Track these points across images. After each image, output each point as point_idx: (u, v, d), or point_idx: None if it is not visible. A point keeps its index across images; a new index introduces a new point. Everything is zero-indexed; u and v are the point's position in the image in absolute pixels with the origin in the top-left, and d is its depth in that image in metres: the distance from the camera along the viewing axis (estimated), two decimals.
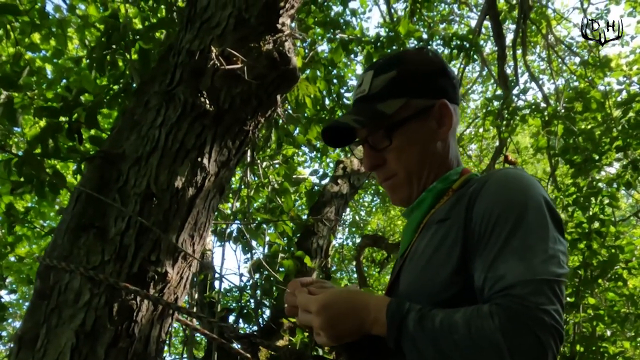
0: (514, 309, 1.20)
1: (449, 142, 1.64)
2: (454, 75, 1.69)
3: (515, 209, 1.32)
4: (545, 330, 1.19)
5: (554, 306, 1.22)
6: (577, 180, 7.88)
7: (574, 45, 12.98)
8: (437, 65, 1.66)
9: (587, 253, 7.01)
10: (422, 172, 1.61)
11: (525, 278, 1.24)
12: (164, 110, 2.44)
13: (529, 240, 1.28)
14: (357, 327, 1.37)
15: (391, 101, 1.59)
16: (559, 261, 1.28)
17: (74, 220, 2.32)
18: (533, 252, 1.27)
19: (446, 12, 11.99)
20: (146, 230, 2.29)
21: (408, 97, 1.60)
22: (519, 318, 1.20)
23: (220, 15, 2.57)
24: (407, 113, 1.59)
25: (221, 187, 2.58)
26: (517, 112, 8.76)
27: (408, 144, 1.60)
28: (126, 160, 2.39)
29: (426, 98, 1.61)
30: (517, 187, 1.38)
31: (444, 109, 1.61)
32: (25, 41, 6.22)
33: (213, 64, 2.46)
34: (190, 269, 2.48)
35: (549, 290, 1.23)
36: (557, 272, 1.26)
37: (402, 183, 1.63)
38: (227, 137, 2.53)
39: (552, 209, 1.36)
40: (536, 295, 1.21)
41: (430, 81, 1.63)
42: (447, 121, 1.61)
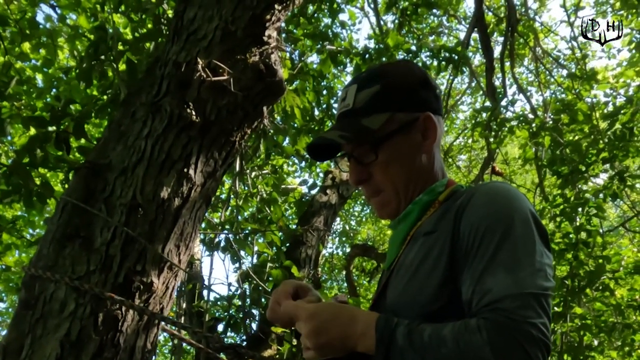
0: (502, 323, 1.22)
1: (434, 154, 1.65)
2: (435, 86, 1.69)
3: (503, 223, 1.34)
4: (533, 344, 1.21)
5: (541, 319, 1.23)
6: (564, 191, 7.93)
7: (561, 57, 13.10)
8: (419, 77, 1.66)
9: (574, 263, 7.05)
10: (409, 186, 1.61)
11: (512, 292, 1.25)
12: (150, 121, 2.46)
13: (516, 253, 1.30)
14: (344, 339, 1.36)
15: (376, 116, 1.59)
16: (545, 274, 1.29)
17: (59, 230, 2.33)
18: (520, 265, 1.28)
19: (435, 25, 12.07)
20: (132, 241, 2.30)
21: (392, 111, 1.60)
22: (506, 332, 1.21)
23: (207, 28, 2.60)
24: (392, 127, 1.59)
25: (207, 198, 2.60)
26: (505, 124, 8.82)
27: (394, 158, 1.60)
28: (112, 170, 2.41)
29: (410, 111, 1.61)
30: (504, 201, 1.40)
31: (428, 121, 1.61)
32: (15, 50, 6.23)
33: (199, 76, 2.48)
34: (176, 279, 2.49)
35: (536, 304, 1.24)
36: (544, 286, 1.27)
37: (389, 199, 1.63)
38: (214, 148, 2.55)
39: (538, 223, 1.37)
40: (524, 309, 1.23)
41: (414, 94, 1.63)
42: (432, 134, 1.62)
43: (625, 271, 7.86)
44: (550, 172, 8.14)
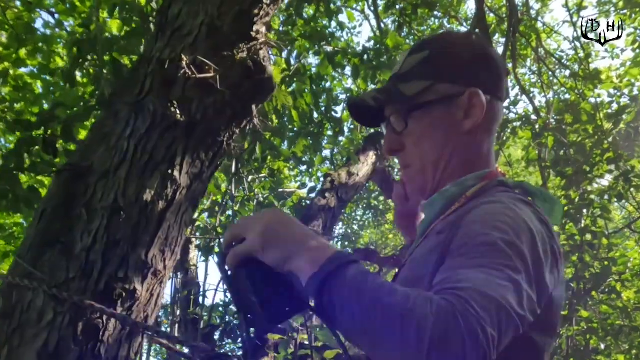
0: (458, 309, 1.06)
1: (478, 140, 1.47)
2: (498, 66, 1.50)
3: (497, 233, 1.20)
4: (475, 346, 1.05)
5: (494, 332, 1.07)
6: (568, 192, 7.83)
7: (564, 58, 13.00)
8: (476, 50, 1.50)
9: (579, 265, 6.95)
10: (438, 166, 1.46)
11: (481, 289, 1.11)
12: (133, 121, 2.36)
13: (501, 267, 1.15)
14: (293, 241, 1.21)
15: (415, 82, 1.45)
16: (521, 301, 1.13)
17: (38, 235, 2.23)
18: (500, 276, 1.13)
19: (437, 27, 11.97)
20: (114, 246, 2.20)
21: (435, 80, 1.46)
22: (456, 320, 1.05)
23: (192, 24, 2.50)
24: (430, 97, 1.45)
25: (194, 201, 2.50)
26: (507, 125, 8.72)
27: (426, 131, 1.46)
28: (94, 173, 2.31)
29: (456, 84, 1.45)
30: (508, 216, 1.25)
31: (474, 98, 1.43)
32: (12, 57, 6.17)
33: (184, 73, 2.38)
34: (162, 286, 2.39)
35: (497, 316, 1.08)
36: (514, 308, 1.11)
37: (414, 175, 1.50)
38: (200, 148, 2.45)
39: (535, 247, 1.23)
40: (484, 311, 1.08)
41: (464, 66, 1.47)
42: (476, 113, 1.43)
43: (632, 273, 7.74)
44: (554, 173, 8.04)
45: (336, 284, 1.12)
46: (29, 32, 5.49)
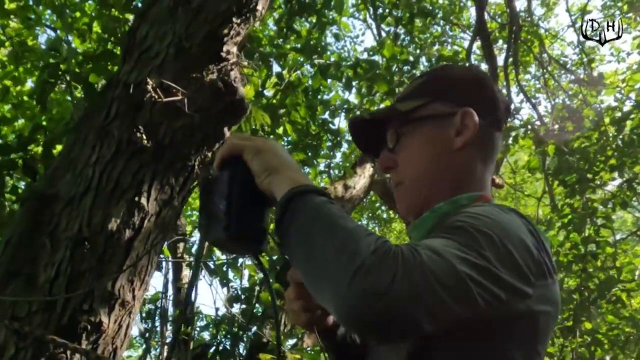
0: (402, 250, 1.03)
1: (470, 160, 1.45)
2: (496, 95, 1.51)
3: (476, 229, 1.16)
4: (408, 285, 1.00)
5: (440, 286, 1.02)
6: (571, 200, 7.73)
7: (569, 63, 12.89)
8: (475, 76, 1.52)
9: (582, 276, 6.84)
10: (430, 185, 1.44)
11: (437, 247, 1.08)
12: (98, 147, 2.30)
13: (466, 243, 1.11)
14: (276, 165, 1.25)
15: (411, 101, 1.47)
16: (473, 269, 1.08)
17: (2, 267, 2.17)
18: (463, 249, 1.09)
19: (438, 34, 11.91)
20: (78, 277, 2.14)
21: (430, 98, 1.47)
22: (395, 256, 1.02)
23: (160, 45, 2.44)
24: (423, 114, 1.46)
25: (165, 227, 2.43)
26: (510, 133, 8.63)
27: (418, 147, 1.46)
28: (59, 201, 2.25)
29: (450, 104, 1.46)
30: (492, 216, 1.22)
31: (467, 117, 1.43)
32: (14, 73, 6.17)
33: (150, 97, 2.32)
34: (131, 316, 2.33)
35: (448, 273, 1.03)
36: (472, 276, 1.06)
37: (405, 193, 1.49)
38: (169, 173, 2.39)
39: (512, 247, 1.17)
40: (432, 261, 1.03)
41: (461, 88, 1.50)
42: (468, 131, 1.43)
43: (639, 282, 7.62)
44: (557, 181, 7.95)
45: (301, 203, 1.14)
46: (27, 49, 5.47)
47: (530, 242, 1.21)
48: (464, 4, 11.81)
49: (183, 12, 2.44)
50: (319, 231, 1.10)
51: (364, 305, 0.99)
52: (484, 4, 9.08)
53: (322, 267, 1.07)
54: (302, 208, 1.14)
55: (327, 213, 1.12)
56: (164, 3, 2.48)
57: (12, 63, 5.53)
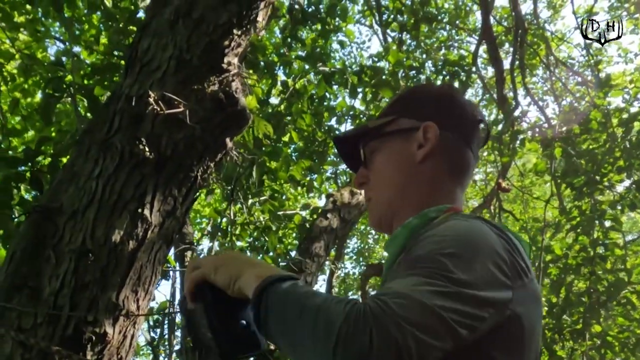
0: (371, 307, 1.05)
1: (434, 172, 1.49)
2: (463, 108, 1.56)
3: (440, 254, 1.17)
4: (387, 341, 1.01)
5: (417, 329, 1.03)
6: (579, 203, 7.71)
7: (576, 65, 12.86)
8: (442, 92, 1.58)
9: (591, 279, 6.81)
10: (396, 199, 1.49)
11: (403, 291, 1.09)
12: (101, 160, 2.33)
13: (430, 272, 1.13)
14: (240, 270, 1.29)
15: (381, 118, 1.54)
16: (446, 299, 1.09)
17: (7, 280, 2.20)
18: (430, 282, 1.10)
19: (444, 38, 11.90)
20: (82, 289, 2.17)
21: (397, 115, 1.53)
22: (366, 318, 1.03)
23: (161, 58, 2.47)
24: (388, 129, 1.52)
25: (168, 238, 2.46)
26: (517, 136, 8.62)
27: (385, 162, 1.52)
28: (63, 214, 2.27)
29: (415, 119, 1.51)
30: (453, 231, 1.25)
31: (429, 131, 1.48)
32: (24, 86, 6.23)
33: (152, 109, 2.34)
34: (136, 327, 2.35)
35: (421, 313, 1.04)
36: (436, 304, 1.07)
37: (374, 205, 1.54)
38: (171, 185, 2.41)
39: (482, 258, 1.19)
40: (402, 307, 1.04)
41: (424, 104, 1.54)
42: (429, 144, 1.47)
43: None
44: (564, 184, 7.93)
45: (269, 297, 1.17)
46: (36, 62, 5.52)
47: (500, 246, 1.22)
48: (469, 8, 11.81)
49: (184, 24, 2.46)
50: (292, 319, 1.13)
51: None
52: (489, 8, 9.09)
53: (306, 350, 1.10)
54: (271, 302, 1.17)
55: (294, 298, 1.15)
56: (165, 16, 2.51)
57: (22, 75, 5.59)
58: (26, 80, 6.06)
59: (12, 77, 6.12)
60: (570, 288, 7.44)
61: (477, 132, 1.57)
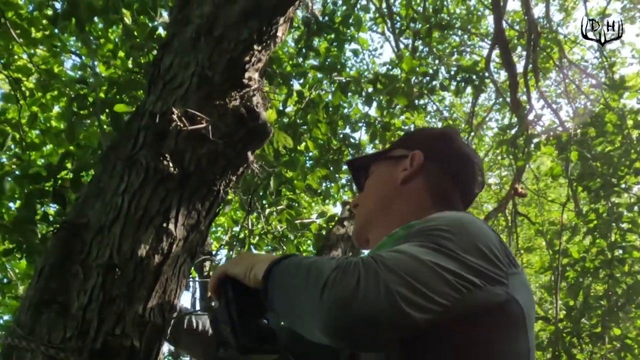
0: (363, 259, 1.12)
1: (416, 192, 1.62)
2: (455, 146, 1.70)
3: (436, 228, 1.25)
4: (375, 283, 1.05)
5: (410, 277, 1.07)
6: (596, 206, 7.70)
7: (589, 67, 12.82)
8: (440, 132, 1.77)
9: (610, 282, 6.80)
10: (376, 210, 1.64)
11: (399, 248, 1.16)
12: (127, 176, 2.37)
13: (426, 241, 1.20)
14: (252, 263, 1.42)
15: (382, 150, 1.79)
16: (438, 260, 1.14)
17: (36, 295, 2.24)
18: (425, 245, 1.18)
19: (457, 44, 11.93)
20: (109, 303, 2.21)
21: (395, 146, 1.73)
22: (356, 264, 1.10)
23: (184, 75, 2.52)
24: (384, 156, 1.72)
25: (192, 251, 2.50)
26: (531, 140, 8.61)
27: (372, 183, 1.71)
28: (90, 230, 2.32)
29: (407, 149, 1.68)
30: (449, 217, 1.32)
31: (415, 157, 1.65)
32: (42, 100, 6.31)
33: (176, 126, 2.39)
34: (162, 339, 2.39)
35: (415, 265, 1.09)
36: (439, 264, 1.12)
37: (357, 218, 1.72)
38: (195, 199, 2.46)
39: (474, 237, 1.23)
40: (396, 259, 1.10)
41: (420, 138, 1.72)
42: (411, 169, 1.64)
43: None
44: (580, 187, 7.92)
45: (275, 269, 1.29)
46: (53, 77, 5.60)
47: (492, 234, 1.30)
48: (481, 12, 11.82)
49: (205, 42, 2.52)
50: (291, 278, 1.22)
51: (340, 315, 1.05)
52: (502, 13, 9.10)
53: (300, 305, 1.17)
54: (278, 271, 1.28)
55: (295, 262, 1.26)
56: (187, 34, 2.57)
57: (40, 90, 5.68)
58: (44, 95, 6.14)
59: (31, 92, 6.21)
60: (589, 291, 7.43)
61: (467, 170, 1.69)
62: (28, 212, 3.43)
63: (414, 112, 6.66)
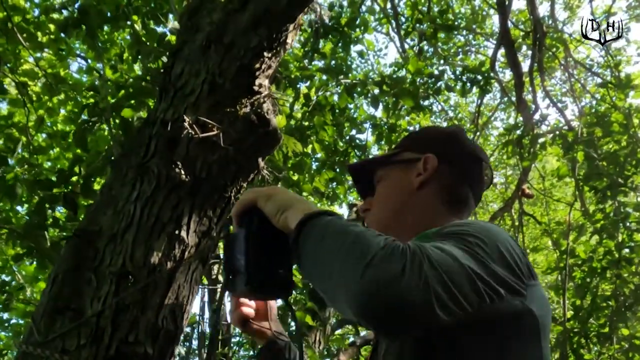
0: (408, 245, 1.11)
1: (431, 201, 1.59)
2: (464, 145, 1.68)
3: (466, 234, 1.25)
4: (419, 275, 1.05)
5: (448, 277, 1.08)
6: (603, 205, 7.69)
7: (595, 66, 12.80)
8: (450, 131, 1.71)
9: (618, 282, 6.79)
10: (390, 216, 1.59)
11: (440, 245, 1.16)
12: (139, 184, 2.39)
13: (462, 243, 1.20)
14: (287, 201, 1.35)
15: (389, 151, 1.72)
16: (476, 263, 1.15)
17: (50, 303, 2.26)
18: (461, 247, 1.18)
19: (462, 44, 11.92)
20: (123, 310, 2.23)
21: (404, 149, 1.66)
22: (403, 250, 1.08)
23: (194, 82, 2.53)
24: (394, 159, 1.65)
25: (203, 257, 2.51)
26: (537, 140, 8.60)
27: (386, 191, 1.62)
28: (102, 237, 2.34)
29: (418, 152, 1.62)
30: (475, 225, 1.30)
31: (428, 162, 1.60)
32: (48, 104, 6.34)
33: (187, 133, 2.41)
34: (175, 345, 2.40)
35: (455, 266, 1.10)
36: (475, 270, 1.13)
37: (370, 225, 1.61)
38: (206, 206, 2.47)
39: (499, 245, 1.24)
40: (439, 255, 1.10)
41: (429, 140, 1.66)
42: (426, 173, 1.59)
43: None
44: (587, 187, 7.91)
45: (313, 222, 1.23)
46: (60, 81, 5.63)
47: (514, 243, 1.29)
48: (486, 12, 11.81)
49: (215, 50, 2.53)
50: (330, 240, 1.17)
51: (377, 296, 1.05)
52: (507, 12, 9.09)
53: (335, 272, 1.13)
54: (315, 226, 1.22)
55: (338, 224, 1.20)
56: (197, 42, 2.58)
57: (46, 94, 5.71)
58: (51, 98, 6.17)
59: (38, 95, 6.24)
60: (596, 291, 7.42)
61: (478, 170, 1.67)
62: (39, 217, 3.45)
63: (419, 113, 6.67)
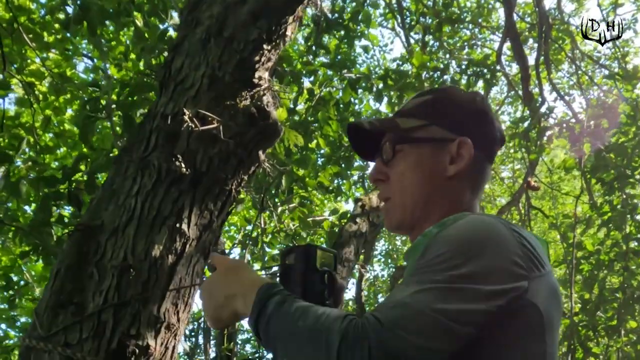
0: (368, 321, 1.09)
1: (459, 187, 1.50)
2: (495, 130, 1.56)
3: (450, 251, 1.21)
4: (385, 351, 1.05)
5: (416, 336, 1.07)
6: (610, 198, 7.66)
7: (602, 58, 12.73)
8: (477, 107, 1.55)
9: (625, 274, 6.77)
10: (418, 205, 1.49)
11: (401, 299, 1.13)
12: (139, 178, 2.40)
13: (428, 279, 1.17)
14: (229, 297, 1.36)
15: (412, 119, 1.50)
16: (456, 296, 1.13)
17: (52, 297, 2.28)
18: (432, 284, 1.15)
19: (467, 37, 11.86)
20: (125, 304, 2.24)
21: (431, 121, 1.50)
22: (364, 330, 1.08)
23: (194, 76, 2.53)
24: (421, 135, 1.49)
25: (205, 251, 2.52)
26: (544, 133, 8.57)
27: (412, 167, 1.49)
28: (104, 231, 2.35)
29: (449, 130, 1.49)
30: (466, 229, 1.28)
31: (463, 147, 1.47)
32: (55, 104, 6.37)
33: (187, 126, 2.41)
34: (177, 338, 2.41)
35: (419, 320, 1.08)
36: (441, 308, 1.11)
37: (394, 208, 1.52)
38: (207, 199, 2.47)
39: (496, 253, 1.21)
40: (399, 317, 1.09)
41: (462, 118, 1.52)
42: (462, 160, 1.48)
43: None
44: (594, 179, 7.88)
45: (261, 323, 1.23)
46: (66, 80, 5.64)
47: (511, 240, 1.24)
48: (492, 5, 11.76)
49: (215, 43, 2.54)
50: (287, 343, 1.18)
51: None
52: (512, 5, 9.05)
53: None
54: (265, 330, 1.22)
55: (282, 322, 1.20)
56: (197, 36, 2.59)
57: (53, 94, 5.73)
58: (57, 98, 6.19)
59: (44, 95, 6.26)
60: (604, 284, 7.40)
61: (498, 148, 1.61)
62: (44, 214, 3.47)
63: None
